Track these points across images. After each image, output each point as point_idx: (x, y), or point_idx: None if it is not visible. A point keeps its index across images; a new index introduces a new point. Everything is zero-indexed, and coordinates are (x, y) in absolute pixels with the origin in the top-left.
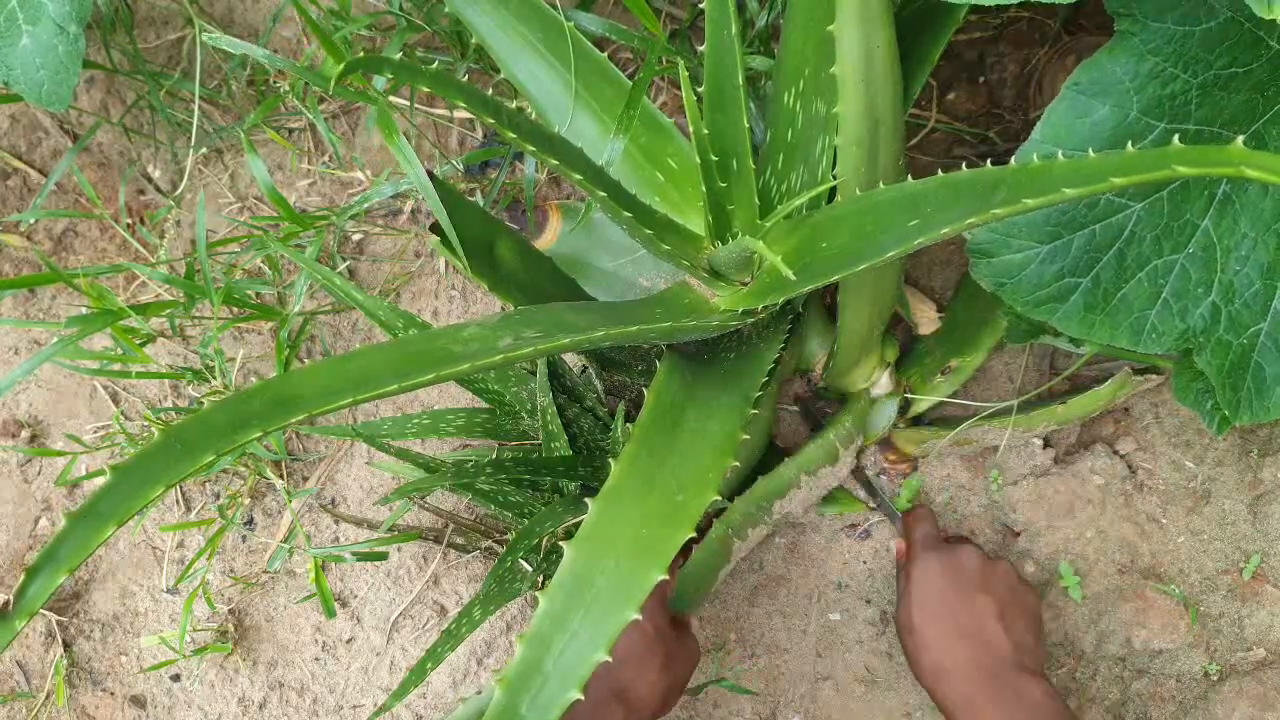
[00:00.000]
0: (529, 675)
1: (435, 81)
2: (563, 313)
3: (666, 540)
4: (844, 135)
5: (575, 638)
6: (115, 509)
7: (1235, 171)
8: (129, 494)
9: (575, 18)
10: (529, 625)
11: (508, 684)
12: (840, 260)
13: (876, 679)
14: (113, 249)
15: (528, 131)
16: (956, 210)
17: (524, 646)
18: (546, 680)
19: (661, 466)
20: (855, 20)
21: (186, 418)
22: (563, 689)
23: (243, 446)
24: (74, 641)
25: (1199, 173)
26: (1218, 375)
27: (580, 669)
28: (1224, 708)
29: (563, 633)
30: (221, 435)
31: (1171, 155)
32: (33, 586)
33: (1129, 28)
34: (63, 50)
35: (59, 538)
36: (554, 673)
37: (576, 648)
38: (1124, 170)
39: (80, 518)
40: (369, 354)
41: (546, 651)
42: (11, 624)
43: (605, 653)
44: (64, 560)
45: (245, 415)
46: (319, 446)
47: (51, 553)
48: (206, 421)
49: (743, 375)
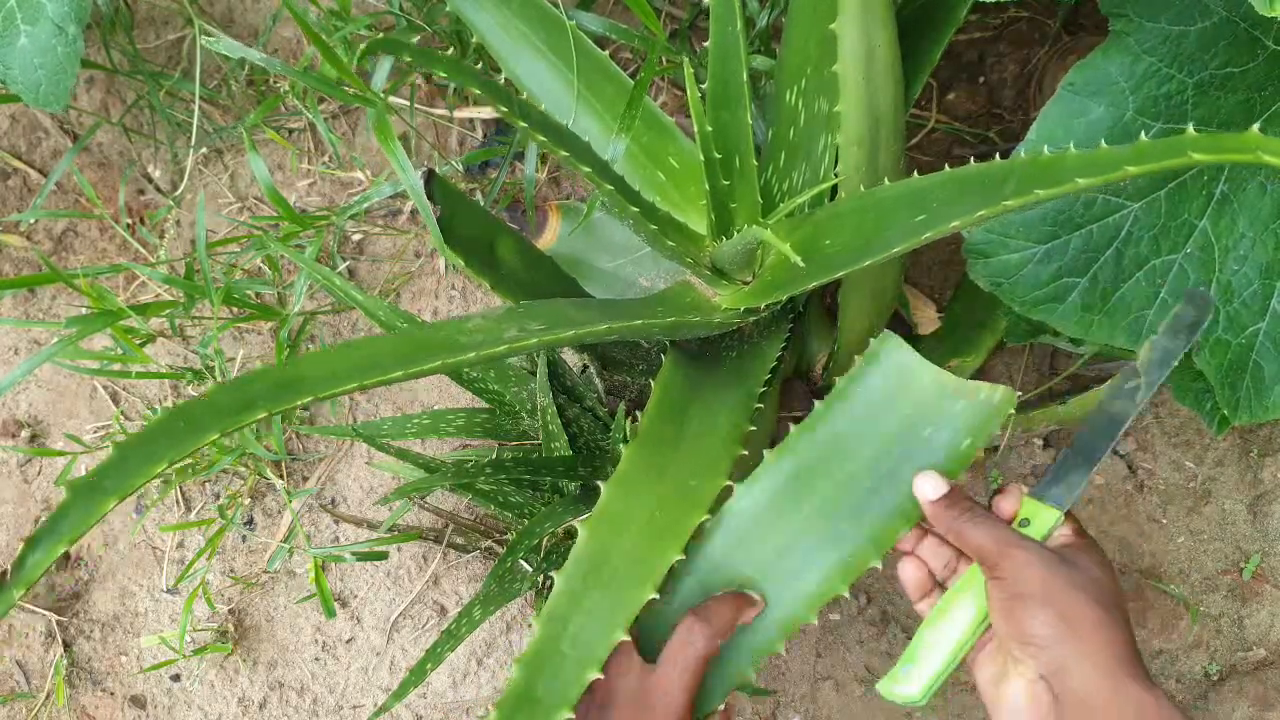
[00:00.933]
0: (547, 654)
1: (451, 67)
2: (566, 308)
3: (682, 521)
4: (845, 133)
5: (593, 616)
6: (118, 484)
7: (1253, 158)
8: (132, 469)
9: (576, 17)
10: (546, 604)
11: (525, 663)
12: (845, 256)
13: (876, 679)
14: (113, 249)
15: (538, 122)
16: (965, 204)
17: (540, 625)
18: (564, 660)
19: (672, 456)
20: (857, 19)
21: (192, 398)
22: (581, 668)
23: (247, 426)
24: (74, 641)
25: (1216, 159)
26: (1216, 375)
27: (598, 648)
28: (1224, 708)
29: (580, 611)
30: (226, 415)
31: (1187, 143)
32: (32, 557)
33: (1124, 28)
34: (61, 51)
35: (60, 509)
36: (571, 652)
37: (594, 626)
38: (1139, 159)
39: (82, 490)
40: (375, 342)
41: (564, 630)
42: (10, 594)
43: (623, 631)
44: (64, 532)
45: (250, 396)
46: (319, 446)
47: (52, 524)
48: (211, 401)
49: (746, 373)
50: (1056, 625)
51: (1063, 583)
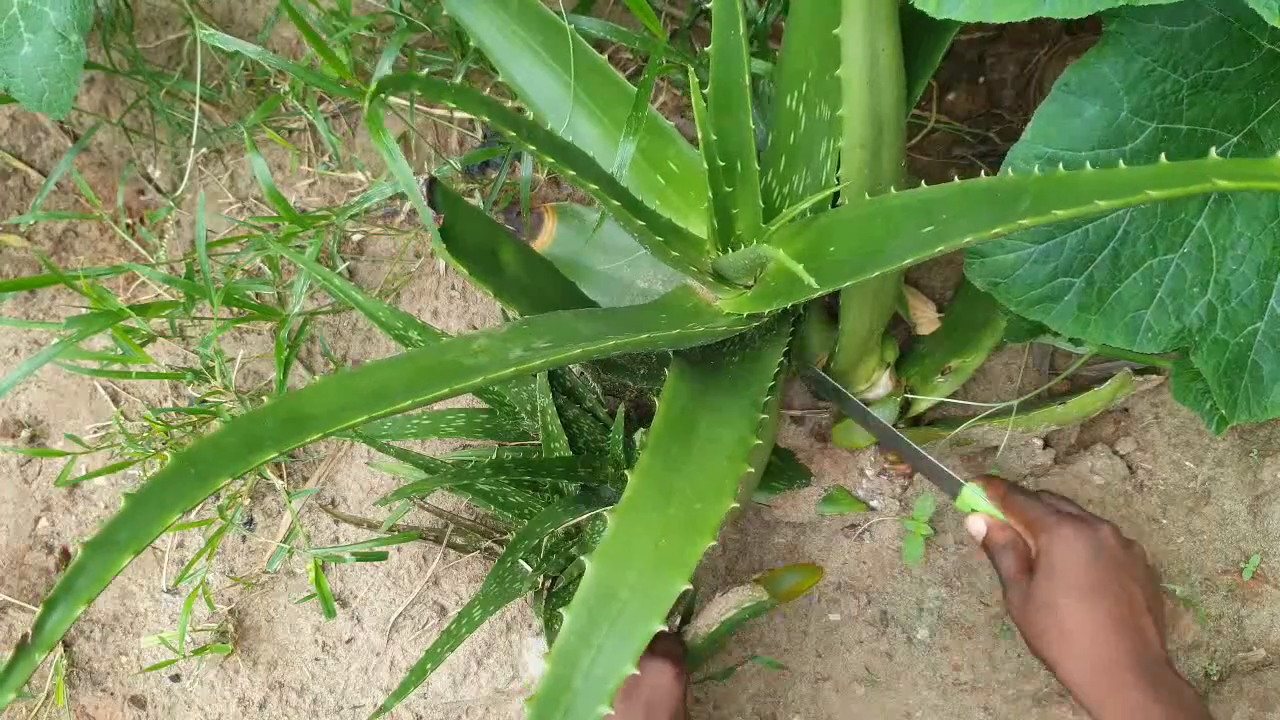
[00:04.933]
0: (558, 692)
1: (460, 97)
2: (572, 321)
3: (688, 549)
4: (848, 138)
5: (602, 652)
6: (132, 537)
7: (1279, 185)
8: (145, 521)
9: (575, 20)
10: (555, 642)
11: (537, 702)
12: (851, 265)
13: (876, 679)
14: (113, 249)
15: (544, 142)
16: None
17: (552, 664)
18: (576, 696)
19: (678, 475)
20: (861, 23)
21: (199, 441)
22: (592, 704)
23: (256, 468)
24: (74, 641)
25: (1240, 187)
26: (1214, 375)
27: (609, 682)
28: (1224, 708)
29: (589, 648)
30: (235, 458)
31: (1209, 168)
32: (51, 618)
33: (1117, 28)
34: (64, 58)
35: (76, 568)
36: (583, 688)
37: (604, 662)
38: (1161, 183)
39: (97, 547)
40: (380, 369)
41: (574, 668)
42: (31, 657)
43: (633, 665)
44: (82, 591)
45: (258, 437)
46: (319, 447)
47: (69, 583)
48: (219, 445)
49: (750, 379)
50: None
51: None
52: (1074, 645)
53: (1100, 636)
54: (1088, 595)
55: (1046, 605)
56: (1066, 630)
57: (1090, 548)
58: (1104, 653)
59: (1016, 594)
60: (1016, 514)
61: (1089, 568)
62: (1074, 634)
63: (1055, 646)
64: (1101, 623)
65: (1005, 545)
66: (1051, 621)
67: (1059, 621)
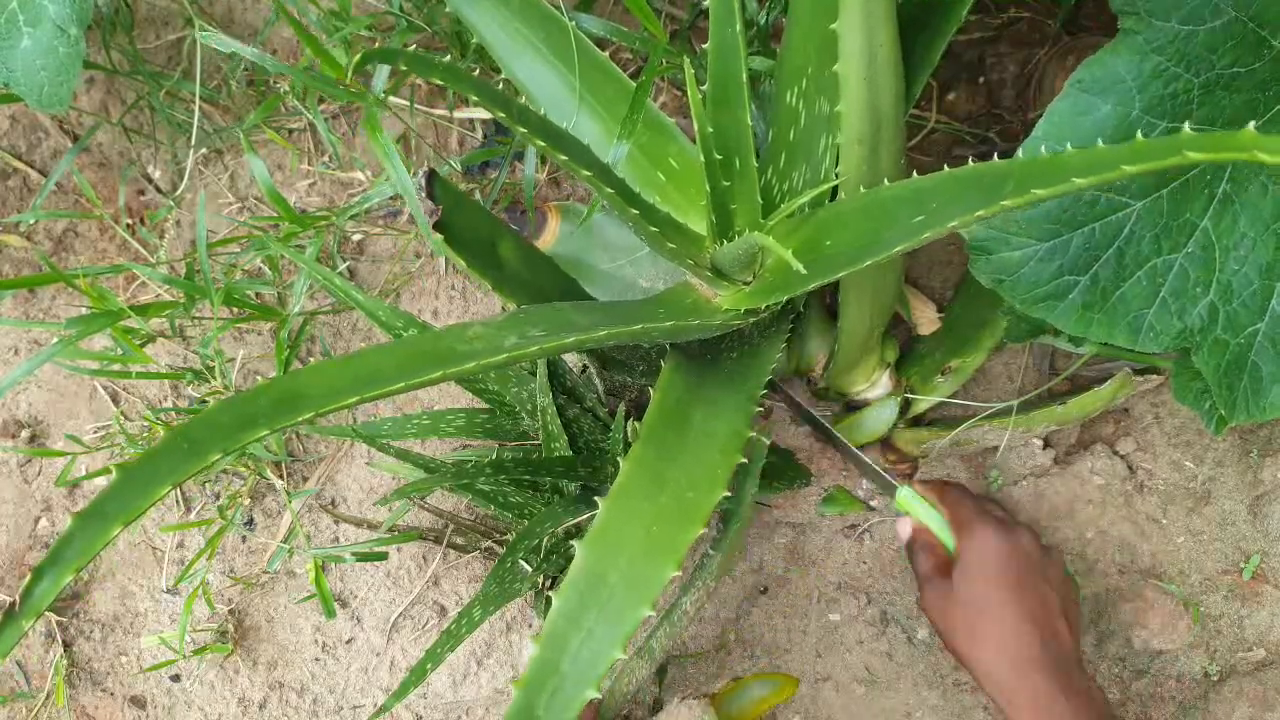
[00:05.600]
0: (545, 675)
1: (447, 74)
2: (567, 312)
3: (679, 536)
4: (846, 133)
5: (591, 636)
6: (121, 509)
7: (1249, 156)
8: (135, 494)
9: (576, 18)
10: (544, 625)
11: (524, 685)
12: (846, 257)
13: (876, 679)
14: (113, 249)
15: (537, 126)
16: (964, 203)
17: (539, 647)
18: (564, 680)
19: (671, 465)
20: (859, 18)
21: (192, 418)
22: (580, 688)
23: (248, 445)
24: (74, 641)
25: (1211, 158)
26: (1214, 375)
27: (597, 667)
28: (1224, 708)
29: (578, 631)
30: (227, 434)
31: (1183, 142)
32: (39, 587)
33: (1133, 26)
34: (63, 52)
35: (65, 538)
36: (571, 672)
37: (593, 646)
38: (1135, 158)
39: (86, 517)
40: (374, 353)
41: (563, 651)
42: (18, 624)
43: (621, 650)
44: (70, 560)
45: (251, 414)
46: (319, 447)
47: (57, 553)
48: (212, 421)
49: (746, 375)
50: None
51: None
52: (989, 640)
53: (1014, 632)
54: (1005, 593)
55: (965, 602)
56: (982, 626)
57: (1009, 549)
58: (1017, 647)
59: (932, 591)
60: (948, 510)
61: (1007, 568)
62: (989, 629)
63: (970, 641)
64: (1017, 619)
65: (923, 546)
66: (969, 617)
67: (976, 617)
